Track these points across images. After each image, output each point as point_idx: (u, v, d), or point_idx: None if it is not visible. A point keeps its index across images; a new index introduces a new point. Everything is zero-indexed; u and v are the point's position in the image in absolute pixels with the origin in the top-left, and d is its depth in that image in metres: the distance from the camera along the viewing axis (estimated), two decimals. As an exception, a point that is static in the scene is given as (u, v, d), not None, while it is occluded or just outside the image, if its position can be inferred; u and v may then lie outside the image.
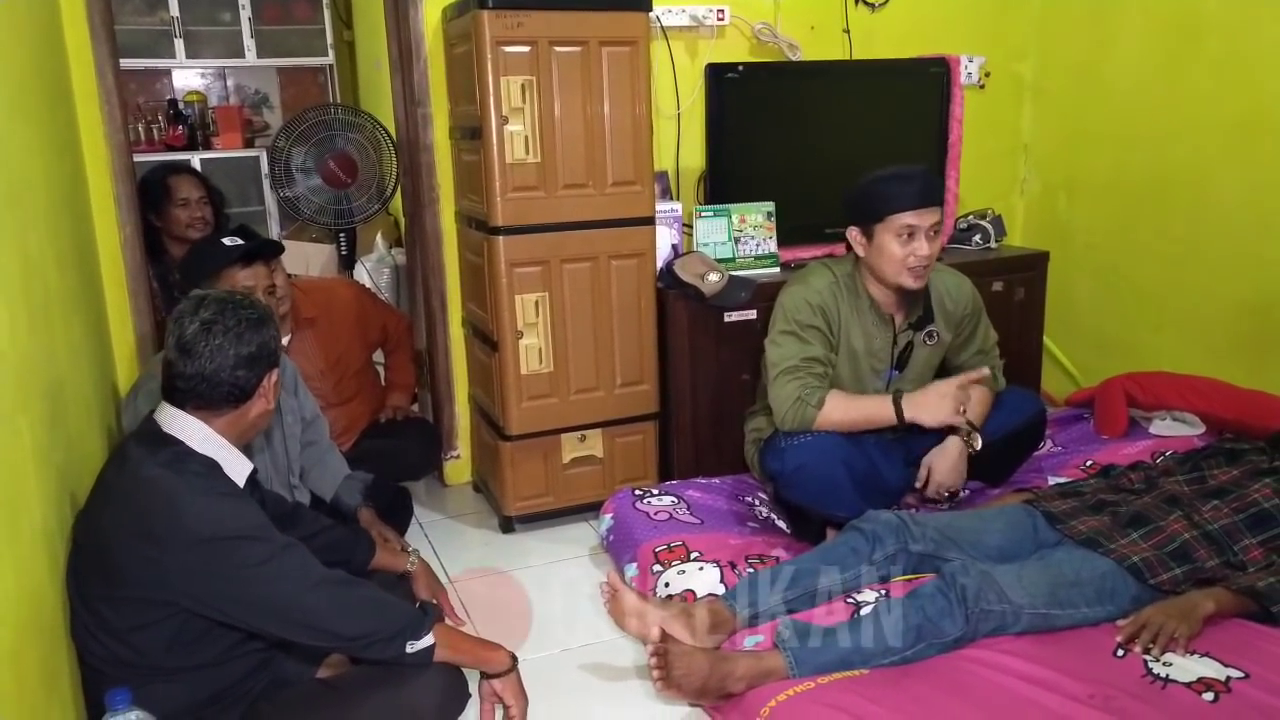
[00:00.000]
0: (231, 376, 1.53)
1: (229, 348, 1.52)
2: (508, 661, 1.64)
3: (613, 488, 2.70)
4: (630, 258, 2.68)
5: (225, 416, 1.56)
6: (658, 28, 2.91)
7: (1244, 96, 2.80)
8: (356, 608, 1.54)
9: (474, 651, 1.64)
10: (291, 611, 1.51)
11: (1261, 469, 2.13)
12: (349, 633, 1.53)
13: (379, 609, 1.57)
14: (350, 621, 1.53)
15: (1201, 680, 1.66)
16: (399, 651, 1.55)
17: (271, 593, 1.49)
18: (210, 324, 1.52)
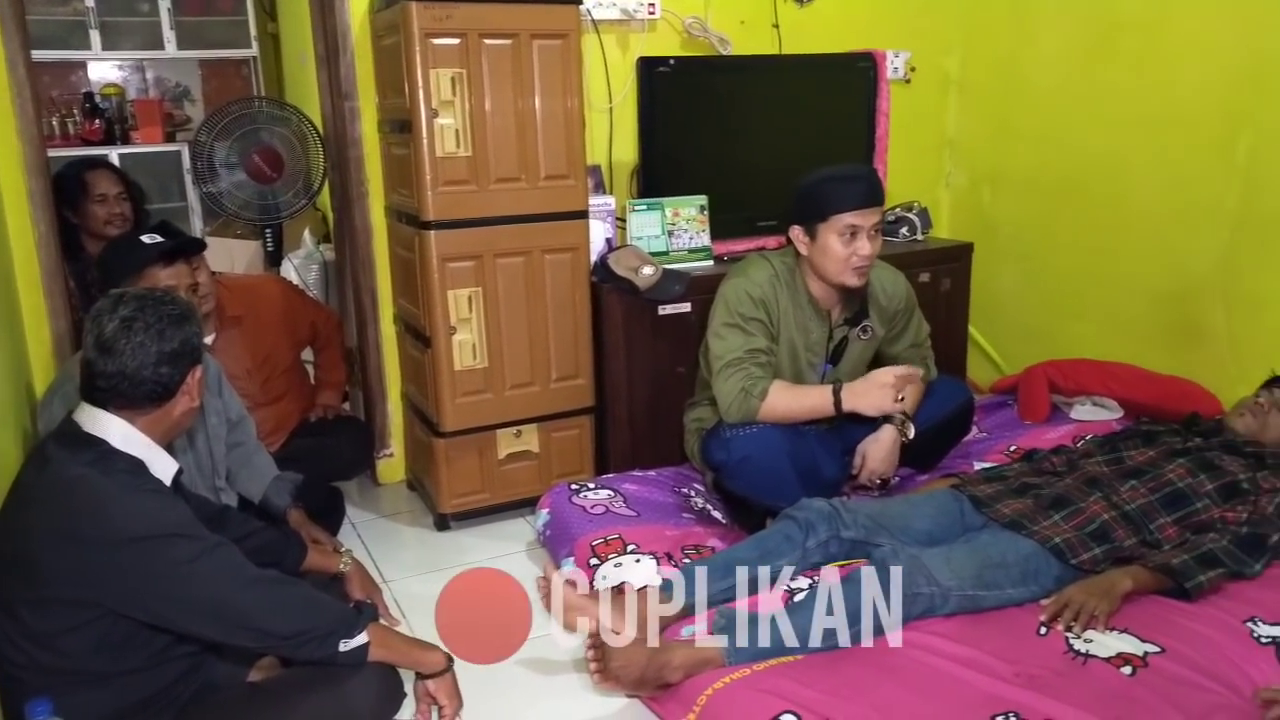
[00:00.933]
0: (154, 374, 1.49)
1: (151, 344, 1.49)
2: (443, 662, 1.63)
3: (549, 483, 2.69)
4: (564, 252, 2.68)
5: (148, 415, 1.52)
6: (589, 21, 2.90)
7: (1159, 92, 2.90)
8: (289, 606, 1.52)
9: (409, 652, 1.62)
10: (223, 610, 1.48)
11: (1175, 450, 2.22)
12: (282, 631, 1.50)
13: (312, 607, 1.54)
14: (283, 620, 1.50)
15: (1120, 655, 1.72)
16: (332, 650, 1.52)
17: (203, 591, 1.46)
18: (130, 321, 1.48)
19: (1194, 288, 2.88)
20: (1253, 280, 2.73)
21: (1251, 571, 1.96)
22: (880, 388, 2.24)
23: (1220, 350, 2.82)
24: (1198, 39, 2.77)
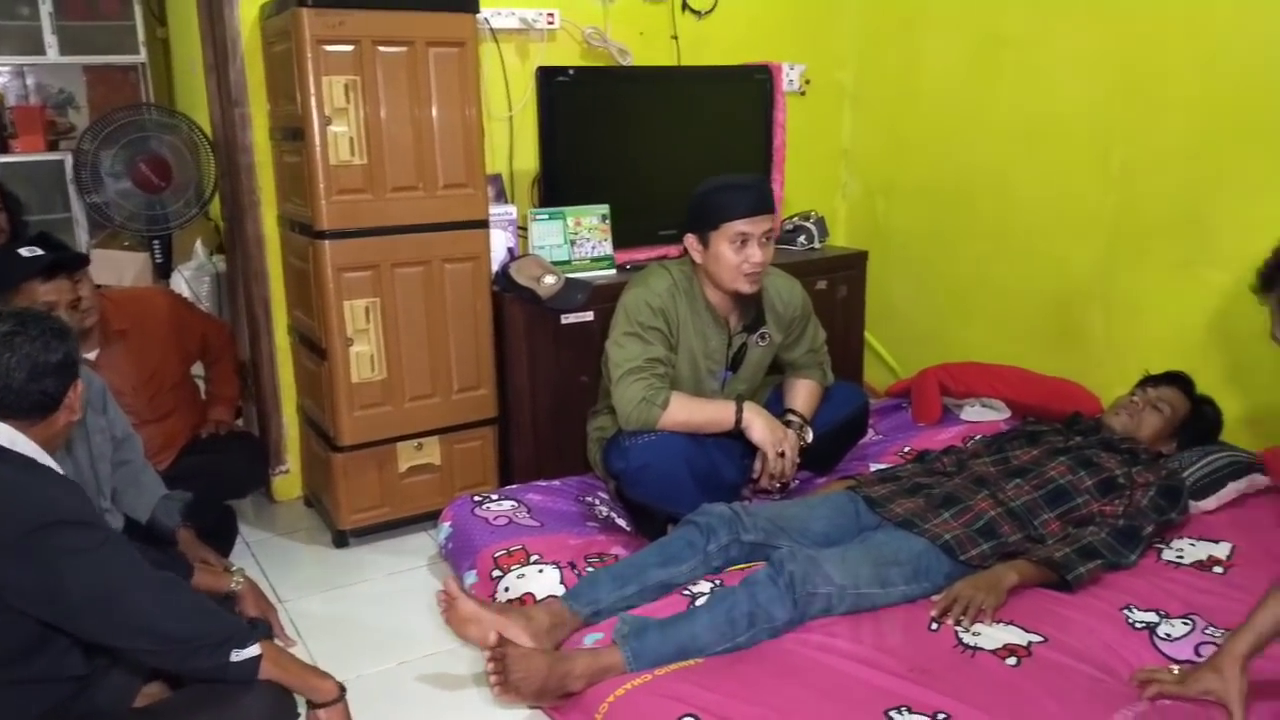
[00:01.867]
0: (40, 385, 1.51)
1: (36, 356, 1.51)
2: (335, 690, 1.60)
3: (452, 495, 2.66)
4: (464, 261, 2.65)
5: (35, 426, 1.53)
6: (487, 30, 2.89)
7: (1040, 105, 3.02)
8: (182, 609, 1.49)
9: (302, 676, 1.59)
10: (116, 604, 1.44)
11: (1058, 448, 2.31)
12: (175, 634, 1.46)
13: (205, 614, 1.52)
14: (176, 622, 1.47)
15: (1006, 646, 1.79)
16: (224, 660, 1.48)
17: (97, 582, 1.43)
18: (11, 335, 1.50)
19: (1074, 293, 3.01)
20: (1128, 285, 2.86)
21: (1127, 562, 2.06)
22: (776, 429, 2.33)
23: (1099, 352, 2.95)
24: (1075, 56, 2.90)
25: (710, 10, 3.34)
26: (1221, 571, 2.08)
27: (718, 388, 2.45)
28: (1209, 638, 1.83)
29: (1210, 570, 2.09)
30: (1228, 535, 2.21)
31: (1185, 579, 2.05)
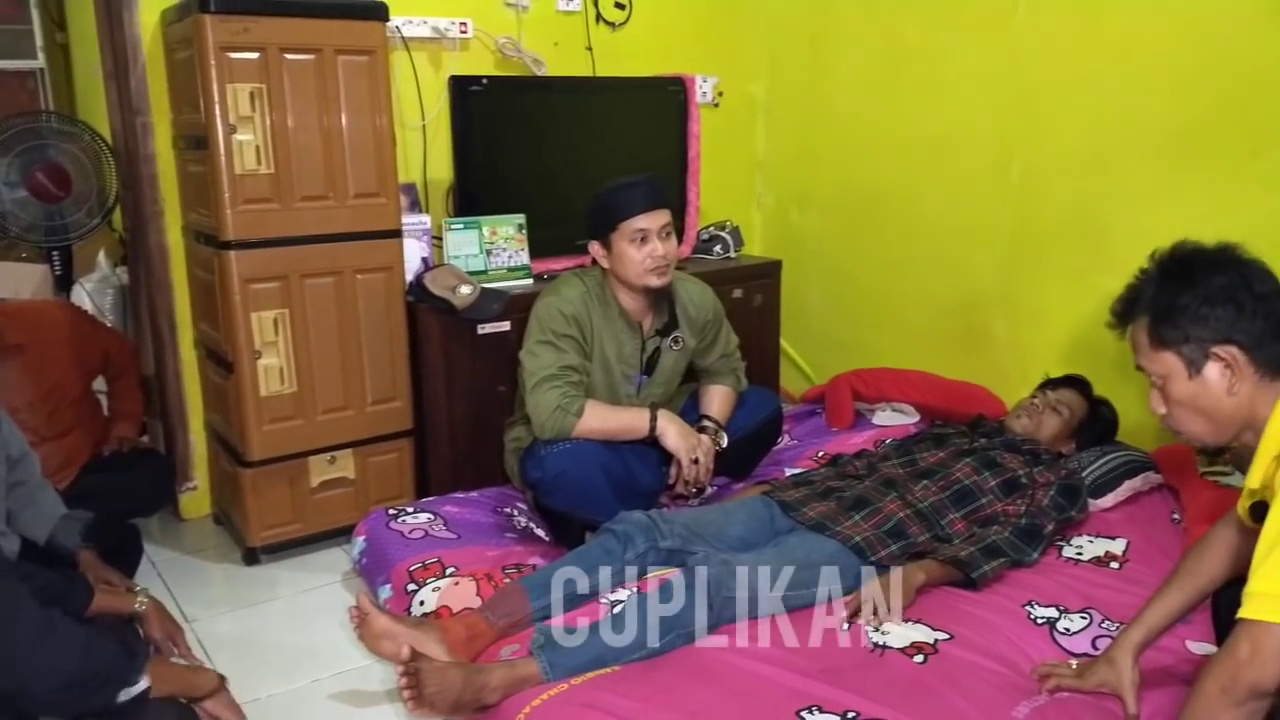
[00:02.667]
0: None
1: None
2: (215, 681, 1.62)
3: (366, 509, 2.62)
4: (377, 271, 2.62)
5: None
6: (398, 38, 2.87)
7: (942, 117, 3.12)
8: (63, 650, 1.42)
9: (182, 678, 1.59)
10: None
11: (963, 450, 2.38)
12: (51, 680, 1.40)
13: (88, 652, 1.45)
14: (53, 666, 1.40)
15: (914, 645, 1.83)
16: (110, 699, 1.44)
17: None
18: None
19: (978, 299, 3.10)
20: (1028, 292, 2.97)
21: (1030, 560, 2.13)
22: (688, 437, 2.36)
23: (1002, 356, 3.05)
24: (974, 71, 3.00)
25: (624, 22, 3.37)
26: (1118, 567, 2.16)
27: (633, 393, 2.46)
28: (1105, 631, 1.90)
29: (1108, 566, 2.17)
30: (1124, 532, 2.30)
31: (1084, 575, 2.12)
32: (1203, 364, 1.47)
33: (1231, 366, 1.45)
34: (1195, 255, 1.52)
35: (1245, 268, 1.47)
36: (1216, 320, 1.45)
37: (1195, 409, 1.50)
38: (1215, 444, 1.56)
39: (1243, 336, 1.44)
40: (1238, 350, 1.44)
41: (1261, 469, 1.44)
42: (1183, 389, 1.50)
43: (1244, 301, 1.44)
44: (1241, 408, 1.46)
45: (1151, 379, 1.55)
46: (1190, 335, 1.47)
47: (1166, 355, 1.50)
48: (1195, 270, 1.49)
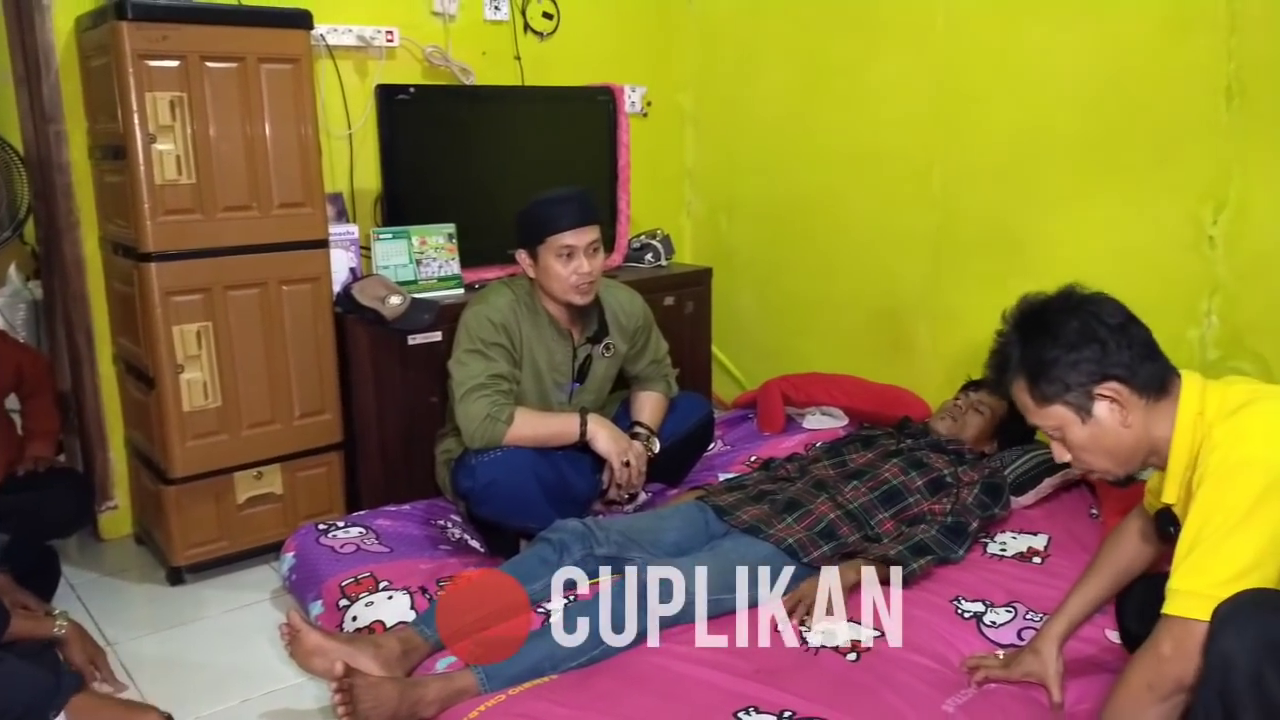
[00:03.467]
0: None
1: None
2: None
3: (295, 525, 2.57)
4: (304, 282, 2.58)
5: None
6: (323, 46, 2.83)
7: (866, 128, 3.19)
8: None
9: (122, 717, 1.51)
10: None
11: (890, 451, 2.44)
12: None
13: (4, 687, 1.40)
14: None
15: (847, 643, 1.86)
16: None
17: None
18: None
19: (903, 305, 3.18)
20: (951, 298, 3.05)
21: (956, 557, 2.19)
22: (619, 440, 2.36)
23: (926, 360, 3.13)
24: (896, 83, 3.07)
25: (552, 32, 3.38)
26: (1040, 561, 2.23)
27: (565, 400, 2.47)
28: (1029, 623, 1.96)
29: (1030, 561, 2.24)
30: (1044, 528, 2.37)
31: (1008, 570, 2.19)
32: (1091, 406, 1.51)
33: (1118, 400, 1.50)
34: (1044, 306, 1.57)
35: (1093, 305, 1.53)
36: (1087, 362, 1.49)
37: (1098, 450, 1.54)
38: (1125, 474, 1.59)
39: (1117, 369, 1.49)
40: (1118, 384, 1.49)
41: (1174, 487, 1.49)
42: (1080, 435, 1.54)
43: (1104, 337, 1.49)
44: (1140, 437, 1.52)
45: (1049, 432, 1.59)
46: (1070, 384, 1.51)
47: (1055, 409, 1.54)
48: (1049, 320, 1.54)
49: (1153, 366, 1.50)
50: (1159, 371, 1.51)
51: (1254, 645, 1.22)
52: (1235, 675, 1.23)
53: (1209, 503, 1.37)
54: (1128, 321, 1.52)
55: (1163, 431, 1.50)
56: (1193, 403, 1.48)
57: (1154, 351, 1.52)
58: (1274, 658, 1.21)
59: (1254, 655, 1.22)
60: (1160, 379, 1.51)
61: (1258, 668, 1.21)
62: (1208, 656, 1.28)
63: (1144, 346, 1.51)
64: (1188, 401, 1.49)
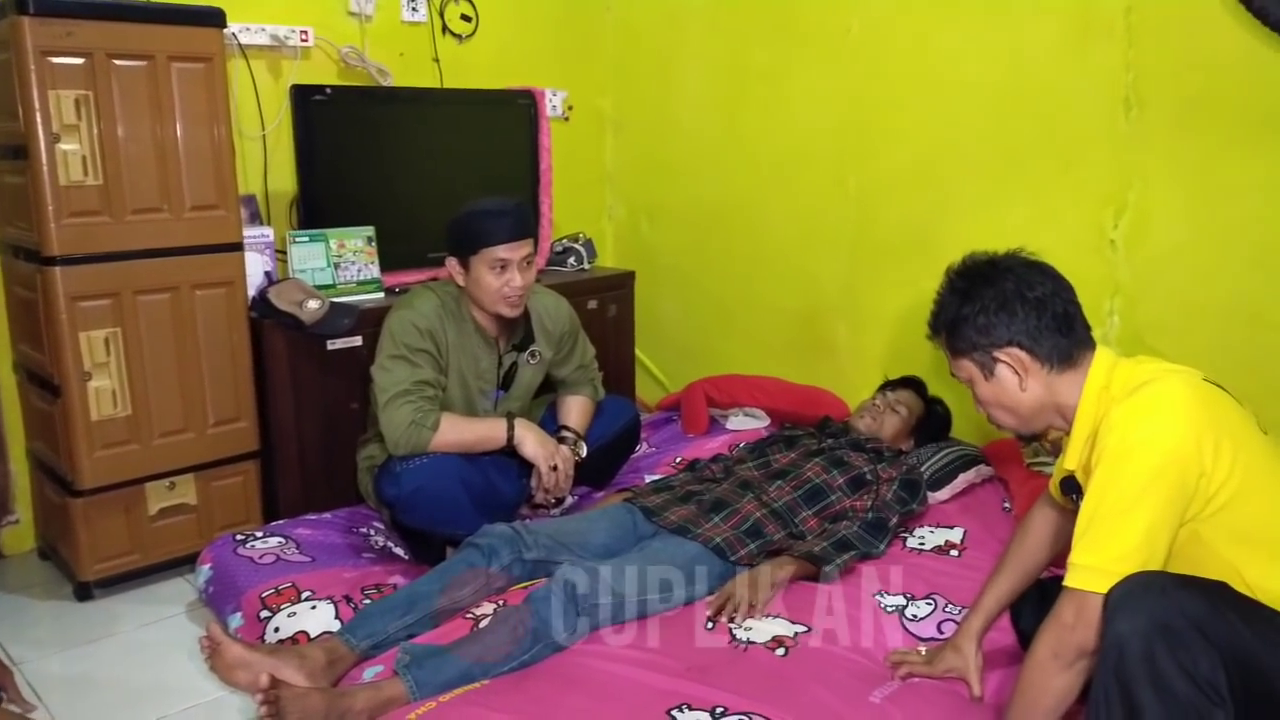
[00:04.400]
0: None
1: None
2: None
3: (211, 536, 2.50)
4: (217, 286, 2.51)
5: None
6: (235, 46, 2.76)
7: (784, 133, 3.25)
8: None
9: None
10: None
11: (812, 450, 2.49)
12: None
13: None
14: None
15: (775, 639, 1.90)
16: None
17: None
18: None
19: (821, 307, 3.24)
20: (867, 300, 3.12)
21: (877, 552, 2.24)
22: (546, 444, 2.37)
23: (844, 360, 3.20)
24: (813, 89, 3.14)
25: (471, 35, 3.35)
26: (957, 555, 2.30)
27: (490, 408, 2.45)
28: (949, 615, 2.02)
29: (948, 554, 2.31)
30: (960, 521, 2.45)
31: (927, 563, 2.25)
32: (993, 367, 1.62)
33: (1017, 366, 1.60)
34: (975, 268, 1.67)
35: (1021, 273, 1.62)
36: (995, 327, 1.60)
37: (1000, 406, 1.66)
38: (1028, 433, 1.70)
39: (1022, 338, 1.59)
40: (1019, 351, 1.59)
41: (1076, 452, 1.58)
42: (985, 390, 1.66)
43: (1016, 307, 1.59)
44: (1041, 399, 1.61)
45: (962, 382, 1.71)
46: (977, 343, 1.62)
47: (964, 362, 1.66)
48: (973, 283, 1.64)
49: (1061, 340, 1.59)
50: (1067, 345, 1.59)
51: (1146, 627, 1.30)
52: (1129, 655, 1.30)
53: (1104, 482, 1.44)
54: (1048, 296, 1.60)
55: (1069, 399, 1.60)
56: (1099, 377, 1.57)
57: (1068, 326, 1.60)
58: (1164, 637, 1.29)
59: (1145, 637, 1.29)
60: (1067, 352, 1.59)
61: (1149, 647, 1.29)
62: (1104, 638, 1.35)
63: (1057, 320, 1.59)
64: (1095, 375, 1.58)
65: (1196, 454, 1.41)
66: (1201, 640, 1.28)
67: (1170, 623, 1.29)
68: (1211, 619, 1.30)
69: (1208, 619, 1.30)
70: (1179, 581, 1.35)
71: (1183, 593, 1.32)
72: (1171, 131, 2.39)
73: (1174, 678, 1.28)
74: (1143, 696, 1.29)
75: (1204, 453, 1.41)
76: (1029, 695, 1.49)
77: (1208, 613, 1.31)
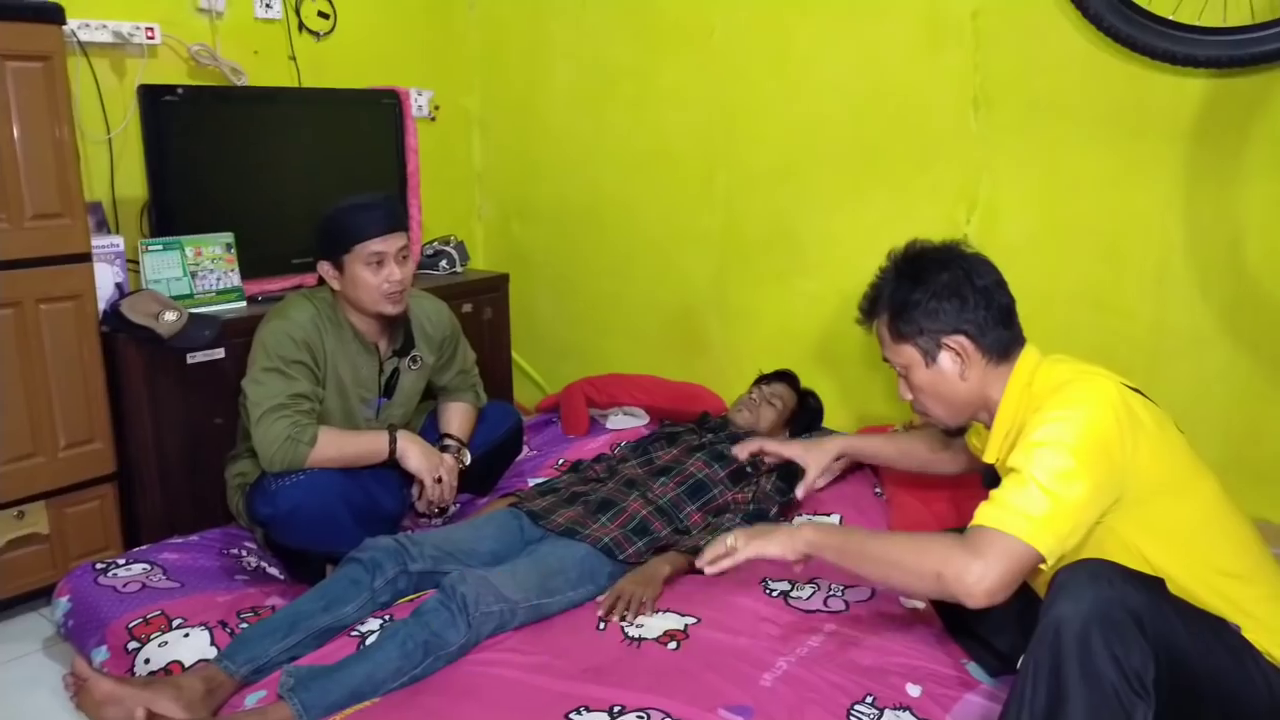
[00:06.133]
0: None
1: None
2: None
3: (67, 566, 2.34)
4: (65, 300, 2.35)
5: None
6: (75, 43, 2.60)
7: (652, 132, 3.28)
8: None
9: None
10: None
11: (694, 446, 2.53)
12: None
13: None
14: None
15: (667, 633, 1.92)
16: None
17: None
18: None
19: (695, 304, 3.30)
20: (738, 296, 3.20)
21: (760, 542, 2.30)
22: (430, 456, 2.33)
23: (719, 356, 3.27)
24: (679, 88, 3.18)
25: (329, 32, 3.25)
26: (834, 539, 2.39)
27: (372, 416, 2.39)
28: (832, 593, 2.10)
29: (825, 539, 2.39)
30: (835, 508, 2.54)
31: (807, 550, 2.33)
32: (937, 354, 1.65)
33: (961, 355, 1.64)
34: (923, 254, 1.70)
35: (968, 263, 1.67)
36: (944, 313, 1.63)
37: (934, 395, 1.68)
38: (955, 425, 1.74)
39: (969, 326, 1.62)
40: (965, 339, 1.63)
41: (996, 446, 1.64)
42: (922, 377, 1.68)
43: (967, 295, 1.62)
44: (974, 392, 1.66)
45: (897, 369, 1.73)
46: (924, 328, 1.64)
47: (905, 347, 1.68)
48: (924, 268, 1.67)
49: (1003, 333, 1.64)
50: (1007, 339, 1.64)
51: (1087, 612, 1.32)
52: (1065, 635, 1.32)
53: (1036, 455, 1.45)
54: (994, 286, 1.65)
55: (995, 394, 1.65)
56: (1024, 374, 1.63)
57: (1009, 319, 1.66)
58: (1102, 625, 1.31)
59: (1085, 621, 1.31)
60: (1005, 345, 1.64)
61: (1086, 631, 1.31)
62: (1044, 617, 1.37)
63: (1001, 312, 1.64)
64: (1019, 372, 1.63)
65: (1120, 444, 1.45)
66: (1138, 633, 1.31)
67: (1110, 612, 1.31)
68: (1151, 614, 1.33)
69: (1147, 614, 1.32)
70: (1126, 574, 1.38)
71: (1128, 586, 1.35)
72: (1018, 130, 2.55)
73: (1104, 664, 1.29)
74: (1070, 678, 1.31)
75: (1125, 446, 1.46)
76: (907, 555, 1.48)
77: (1148, 608, 1.33)
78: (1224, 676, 1.40)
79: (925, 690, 1.76)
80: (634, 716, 1.65)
